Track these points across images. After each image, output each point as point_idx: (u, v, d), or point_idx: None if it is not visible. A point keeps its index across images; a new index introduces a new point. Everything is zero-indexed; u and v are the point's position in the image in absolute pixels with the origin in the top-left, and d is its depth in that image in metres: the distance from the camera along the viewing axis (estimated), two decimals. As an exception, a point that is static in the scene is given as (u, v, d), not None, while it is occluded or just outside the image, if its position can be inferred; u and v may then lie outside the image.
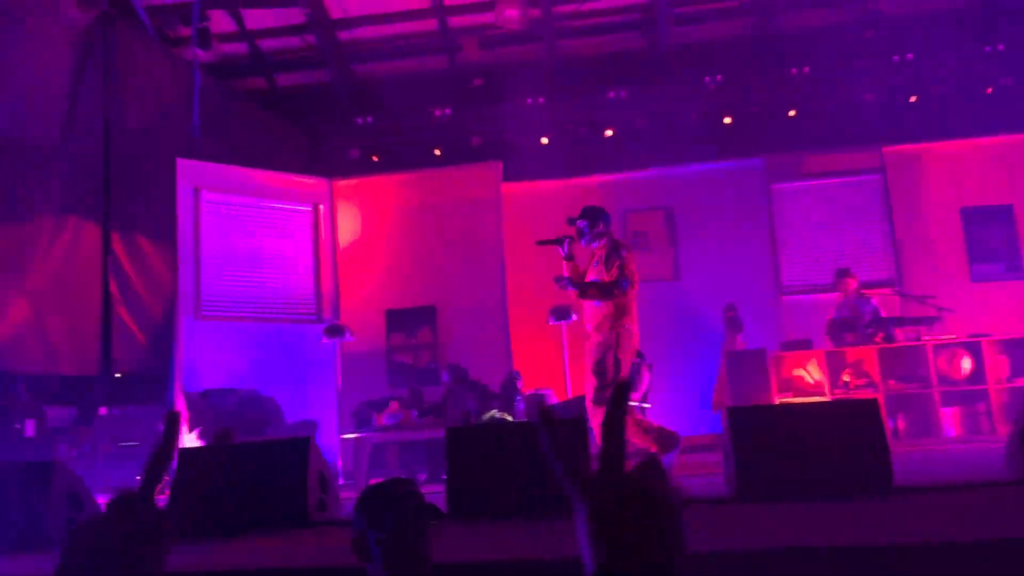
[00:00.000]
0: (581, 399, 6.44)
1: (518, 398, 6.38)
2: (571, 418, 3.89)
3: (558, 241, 5.26)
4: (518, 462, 3.74)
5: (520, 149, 10.98)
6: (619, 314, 4.89)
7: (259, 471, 3.91)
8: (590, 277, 5.11)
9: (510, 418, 6.15)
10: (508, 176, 9.10)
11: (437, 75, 12.13)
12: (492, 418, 6.16)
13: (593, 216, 5.18)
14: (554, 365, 8.18)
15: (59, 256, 8.97)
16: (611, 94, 11.40)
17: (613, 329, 4.88)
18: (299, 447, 3.94)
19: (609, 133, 11.32)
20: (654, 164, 9.72)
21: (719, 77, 10.90)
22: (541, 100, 11.61)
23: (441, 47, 11.68)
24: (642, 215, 9.40)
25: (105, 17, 10.09)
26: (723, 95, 10.96)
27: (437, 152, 11.29)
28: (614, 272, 4.92)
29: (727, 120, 10.69)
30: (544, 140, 11.41)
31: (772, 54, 10.81)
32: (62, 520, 3.92)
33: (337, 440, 7.31)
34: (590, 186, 9.60)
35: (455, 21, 11.28)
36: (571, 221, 5.33)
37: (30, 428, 8.32)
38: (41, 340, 8.61)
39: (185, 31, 10.69)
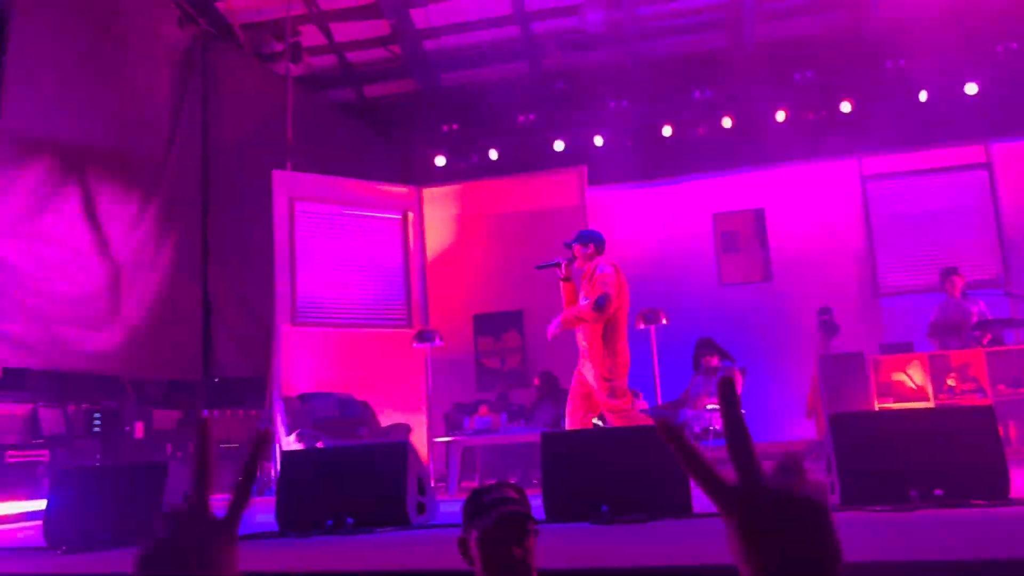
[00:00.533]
0: (672, 405, 6.37)
1: (610, 403, 6.33)
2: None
3: (556, 264, 5.46)
4: (613, 466, 3.72)
5: (604, 153, 10.94)
6: (608, 336, 5.15)
7: (359, 473, 4.00)
8: (582, 299, 5.31)
9: (601, 423, 6.11)
10: (593, 180, 9.07)
11: (520, 81, 12.20)
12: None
13: (585, 240, 5.35)
14: (643, 369, 8.09)
15: (164, 266, 9.40)
16: (696, 94, 11.24)
17: (606, 355, 5.15)
18: (398, 450, 4.02)
19: (696, 134, 11.17)
20: (742, 165, 9.53)
21: (809, 73, 10.62)
22: (625, 103, 11.55)
23: (524, 53, 11.75)
24: (731, 217, 9.23)
25: (204, 36, 10.54)
26: (814, 92, 10.67)
27: (522, 157, 11.35)
28: (594, 294, 5.14)
29: (819, 117, 10.40)
30: (628, 143, 11.34)
31: (866, 48, 10.47)
32: (175, 518, 4.09)
33: (428, 443, 7.42)
34: (676, 189, 9.50)
35: (537, 27, 11.32)
36: (568, 245, 5.48)
37: (139, 430, 8.74)
38: (147, 347, 9.04)
39: (278, 46, 11.06)
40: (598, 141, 11.23)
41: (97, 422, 8.55)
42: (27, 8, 8.14)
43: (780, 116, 10.63)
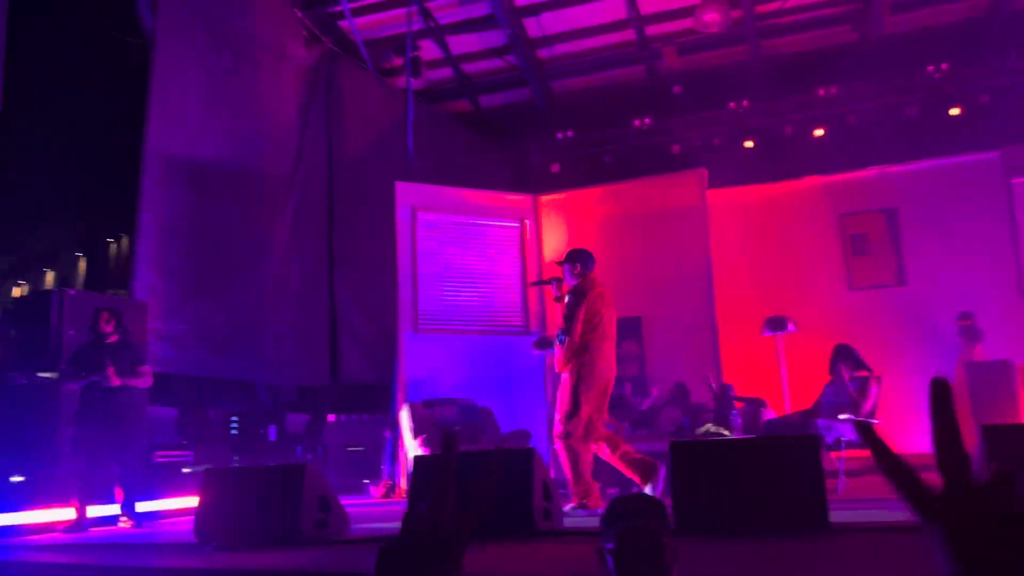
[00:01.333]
0: (803, 415, 6.16)
1: (734, 412, 6.19)
2: (806, 435, 3.71)
3: (549, 282, 5.58)
4: (745, 478, 3.63)
5: (724, 154, 10.71)
6: (581, 351, 5.20)
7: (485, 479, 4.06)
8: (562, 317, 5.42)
9: (727, 432, 5.98)
10: (713, 183, 8.89)
11: (635, 85, 12.12)
12: (707, 432, 6.02)
13: (573, 259, 5.48)
14: (768, 377, 7.86)
15: (294, 276, 9.84)
16: (820, 91, 10.85)
17: (576, 367, 5.20)
18: (524, 457, 4.05)
19: (819, 133, 10.78)
20: (872, 163, 9.11)
21: (944, 65, 10.06)
22: (745, 103, 11.28)
23: (639, 57, 11.65)
24: (860, 218, 8.84)
25: (328, 55, 10.98)
26: (949, 85, 10.11)
27: (638, 162, 11.26)
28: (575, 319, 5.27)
29: (955, 111, 9.84)
30: (749, 144, 11.06)
31: (1005, 36, 9.83)
32: (312, 520, 4.27)
33: (547, 450, 7.45)
34: (800, 189, 9.19)
35: (652, 30, 11.21)
36: (560, 264, 5.59)
37: (272, 433, 9.17)
38: (280, 354, 9.48)
39: (397, 61, 11.38)
40: (717, 142, 11.01)
41: (234, 425, 9.02)
42: (170, 37, 8.70)
43: (911, 111, 10.12)
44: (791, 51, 11.27)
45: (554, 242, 9.25)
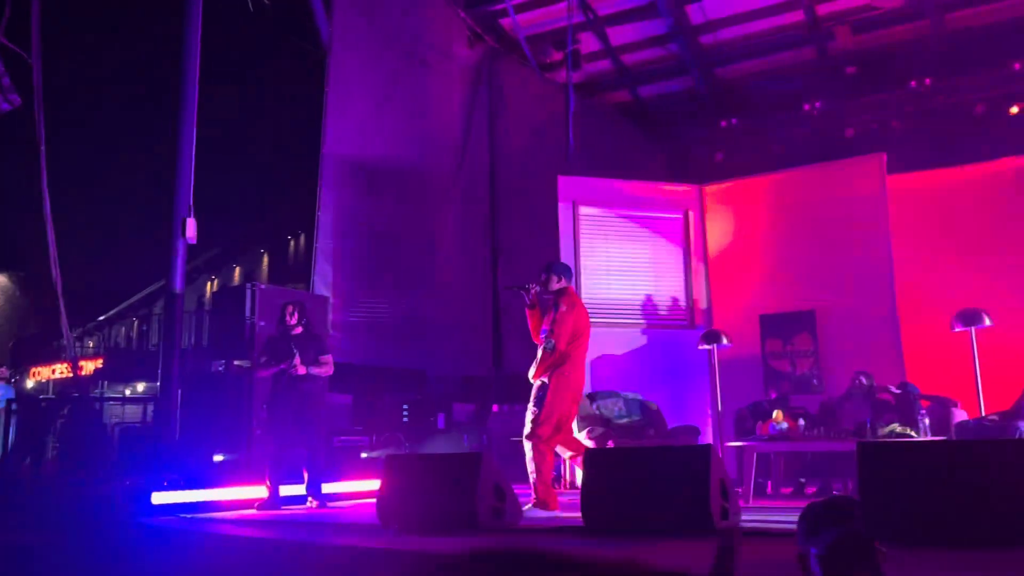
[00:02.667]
0: (1003, 416, 5.68)
1: (922, 412, 5.79)
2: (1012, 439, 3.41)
3: (524, 289, 5.67)
4: (949, 483, 3.38)
5: (905, 138, 10.04)
6: (562, 361, 5.38)
7: (662, 475, 4.01)
8: (545, 326, 5.54)
9: (913, 434, 5.61)
10: (893, 168, 8.34)
11: (805, 68, 11.57)
12: (892, 432, 5.67)
13: (558, 271, 5.64)
14: (959, 376, 7.27)
15: (458, 269, 10.13)
16: (1016, 65, 9.95)
17: (555, 375, 5.35)
18: (702, 454, 3.97)
19: (1015, 110, 9.89)
20: (1079, 141, 8.25)
21: None
22: (927, 81, 10.52)
23: (809, 38, 11.11)
24: (1066, 201, 8.02)
25: (491, 52, 11.20)
26: None
27: (809, 149, 10.75)
28: (553, 331, 5.42)
29: None
30: (932, 126, 10.30)
31: None
32: (489, 507, 4.38)
33: (717, 447, 7.27)
34: (993, 172, 8.44)
35: (823, 9, 10.65)
36: (542, 273, 5.70)
37: (441, 421, 9.48)
38: (446, 344, 9.80)
39: (557, 55, 11.45)
40: (896, 124, 10.34)
41: (405, 412, 9.40)
42: (344, 42, 9.16)
43: None
44: (980, 23, 10.38)
45: (719, 233, 9.00)
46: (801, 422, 6.13)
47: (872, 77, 10.85)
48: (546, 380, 5.44)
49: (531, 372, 5.58)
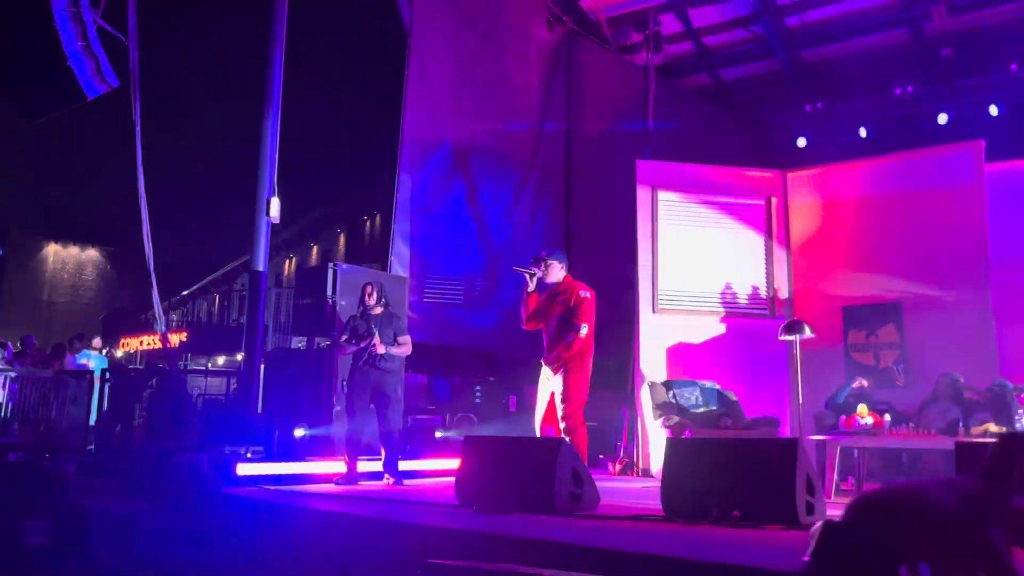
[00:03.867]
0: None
1: (1020, 412, 5.54)
2: None
3: (531, 273, 5.75)
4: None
5: (1004, 124, 9.58)
6: (582, 350, 5.63)
7: (747, 467, 3.94)
8: (556, 313, 5.72)
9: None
10: (990, 155, 7.96)
11: (896, 50, 11.14)
12: (986, 432, 5.44)
13: (561, 258, 5.83)
14: (1057, 375, 6.94)
15: (537, 252, 10.10)
16: None
17: (577, 364, 5.62)
18: (788, 447, 3.88)
19: None
20: None
21: None
22: (1030, 64, 10.01)
23: (902, 19, 10.68)
24: None
25: (569, 34, 11.09)
26: None
27: (899, 134, 10.37)
28: (579, 318, 5.59)
29: None
30: (1034, 111, 9.82)
31: None
32: (566, 493, 4.38)
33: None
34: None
35: (919, -12, 10.23)
36: (541, 259, 5.82)
37: (512, 403, 9.53)
38: (521, 328, 9.79)
39: (636, 37, 11.27)
40: (995, 111, 9.87)
41: (478, 393, 9.48)
42: (425, 24, 9.20)
43: None
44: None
45: (802, 221, 8.76)
46: (887, 418, 5.94)
47: (969, 60, 10.38)
48: (570, 368, 5.62)
49: (551, 362, 5.71)
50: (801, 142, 10.94)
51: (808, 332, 7.18)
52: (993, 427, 5.48)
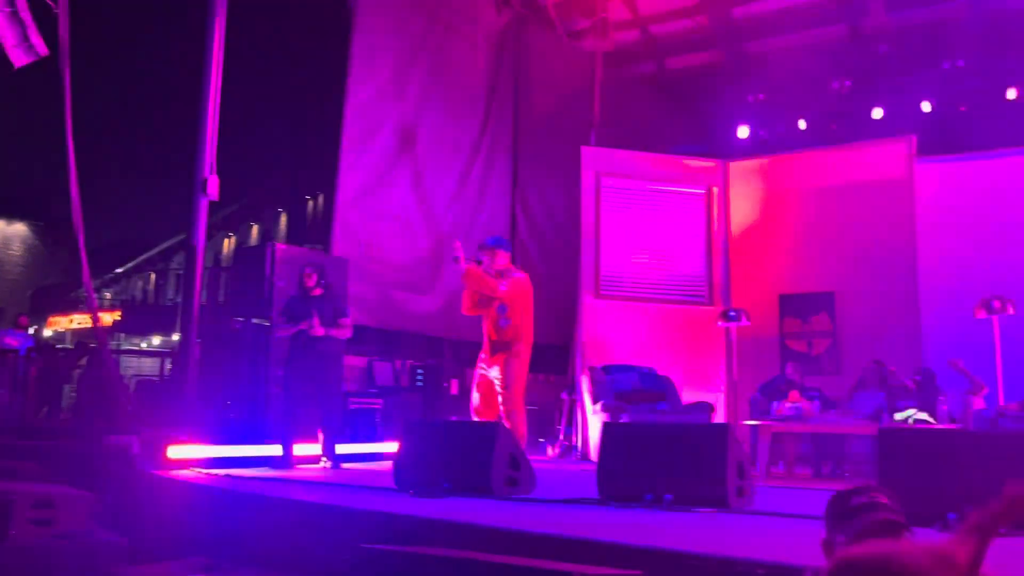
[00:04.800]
0: (1021, 406, 5.64)
1: (940, 399, 5.75)
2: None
3: (479, 260, 5.79)
4: (968, 473, 3.36)
5: (934, 120, 9.86)
6: (524, 337, 5.73)
7: (680, 452, 4.01)
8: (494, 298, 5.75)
9: (931, 420, 5.57)
10: (921, 151, 8.21)
11: (835, 46, 11.36)
12: (910, 418, 5.64)
13: (507, 246, 5.96)
14: (978, 363, 7.23)
15: (478, 237, 10.07)
16: (1054, 50, 9.72)
17: (515, 352, 5.66)
18: (719, 433, 3.97)
19: (1050, 96, 9.69)
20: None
21: None
22: (961, 63, 10.31)
23: (841, 15, 10.90)
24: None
25: (518, 18, 11.04)
26: None
27: (836, 128, 10.60)
28: (513, 302, 5.69)
29: None
30: (964, 109, 10.13)
31: None
32: (503, 476, 4.40)
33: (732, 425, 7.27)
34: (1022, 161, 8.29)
35: (858, -16, 10.45)
36: (487, 248, 5.87)
37: (454, 387, 9.51)
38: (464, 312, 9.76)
39: (584, 23, 11.26)
40: (926, 107, 10.16)
41: (420, 377, 9.43)
42: (370, 4, 9.05)
43: None
44: (1017, 6, 10.14)
45: (742, 210, 8.92)
46: (817, 404, 6.11)
47: (904, 56, 10.65)
48: (504, 355, 5.64)
49: (489, 349, 5.73)
50: (743, 132, 11.10)
51: (744, 320, 7.34)
52: (915, 414, 5.67)
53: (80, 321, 23.86)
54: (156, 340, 21.41)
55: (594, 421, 7.26)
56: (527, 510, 3.96)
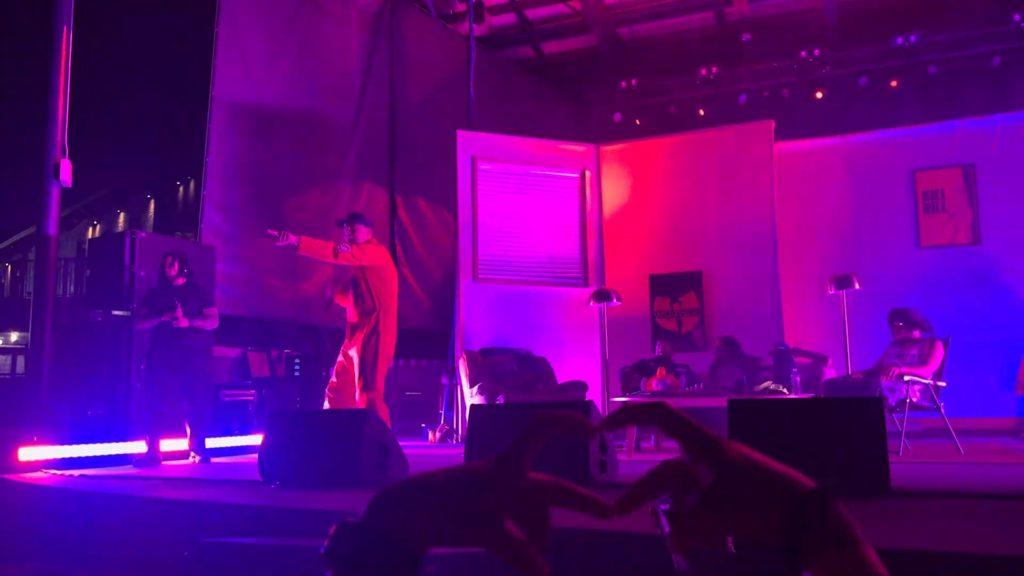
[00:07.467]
0: (865, 374, 6.04)
1: (794, 371, 6.10)
2: (870, 397, 3.63)
3: (346, 243, 5.88)
4: (806, 438, 3.58)
5: (794, 106, 10.41)
6: (387, 315, 5.78)
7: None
8: (353, 280, 5.87)
9: (785, 390, 5.90)
10: (781, 135, 8.63)
11: (703, 33, 11.78)
12: (766, 390, 5.95)
13: (367, 222, 6.05)
14: (831, 336, 7.71)
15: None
16: (899, 40, 10.40)
17: (379, 329, 5.72)
18: (581, 409, 4.06)
19: (894, 84, 10.36)
20: (950, 116, 8.72)
21: (1035, 12, 9.52)
22: (817, 52, 10.89)
23: (708, 4, 11.31)
24: (935, 173, 8.50)
25: (392, 1, 10.89)
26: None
27: (703, 112, 11.00)
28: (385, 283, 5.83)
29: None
30: (820, 95, 10.70)
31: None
32: (373, 463, 4.37)
33: (604, 402, 7.48)
34: (872, 142, 8.85)
35: (724, -25, 10.85)
36: (347, 224, 5.99)
37: (333, 375, 9.36)
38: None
39: (460, 7, 11.24)
40: (786, 93, 10.68)
41: (297, 367, 9.25)
42: (236, -19, 8.72)
43: (995, 61, 9.64)
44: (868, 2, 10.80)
45: (614, 193, 9.13)
46: (683, 380, 6.35)
47: (766, 46, 11.16)
48: (370, 334, 5.66)
49: (349, 331, 5.73)
50: (616, 117, 11.37)
51: (615, 300, 7.54)
52: (772, 386, 5.99)
53: (-72, 318, 22.10)
54: (14, 336, 20.09)
55: (472, 404, 7.31)
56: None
